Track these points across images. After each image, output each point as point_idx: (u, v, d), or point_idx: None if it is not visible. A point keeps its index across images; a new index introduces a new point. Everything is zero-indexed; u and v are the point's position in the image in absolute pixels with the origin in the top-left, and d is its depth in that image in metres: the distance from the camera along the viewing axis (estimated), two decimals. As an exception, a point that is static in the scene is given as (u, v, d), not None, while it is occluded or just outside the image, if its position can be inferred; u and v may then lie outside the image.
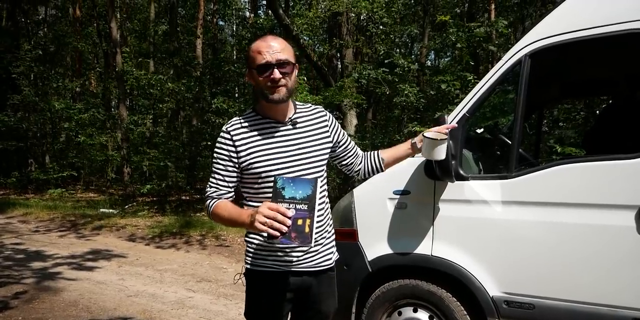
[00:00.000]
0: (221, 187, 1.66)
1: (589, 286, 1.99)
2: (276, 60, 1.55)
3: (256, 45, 1.59)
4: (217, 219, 1.63)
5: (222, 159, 1.64)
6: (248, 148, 1.61)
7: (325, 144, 1.73)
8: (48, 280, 5.10)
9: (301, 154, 1.65)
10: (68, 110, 14.23)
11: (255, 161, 1.60)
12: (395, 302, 2.47)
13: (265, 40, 1.59)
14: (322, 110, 1.80)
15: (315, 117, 1.74)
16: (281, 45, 1.58)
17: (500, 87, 2.47)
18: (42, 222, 9.86)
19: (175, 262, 6.23)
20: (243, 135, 1.63)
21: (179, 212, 10.47)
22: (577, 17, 2.10)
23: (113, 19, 13.82)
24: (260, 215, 1.37)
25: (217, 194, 1.66)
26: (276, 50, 1.56)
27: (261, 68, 1.56)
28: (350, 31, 10.49)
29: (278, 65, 1.55)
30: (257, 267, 1.67)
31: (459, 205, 2.30)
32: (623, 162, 1.95)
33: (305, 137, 1.68)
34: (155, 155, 12.17)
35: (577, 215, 2.02)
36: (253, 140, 1.62)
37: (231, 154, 1.62)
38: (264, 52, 1.55)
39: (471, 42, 7.86)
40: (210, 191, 1.67)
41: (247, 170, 1.62)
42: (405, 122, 10.71)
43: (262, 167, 1.60)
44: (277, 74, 1.55)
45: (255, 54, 1.57)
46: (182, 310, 4.16)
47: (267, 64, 1.55)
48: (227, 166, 1.64)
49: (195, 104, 11.83)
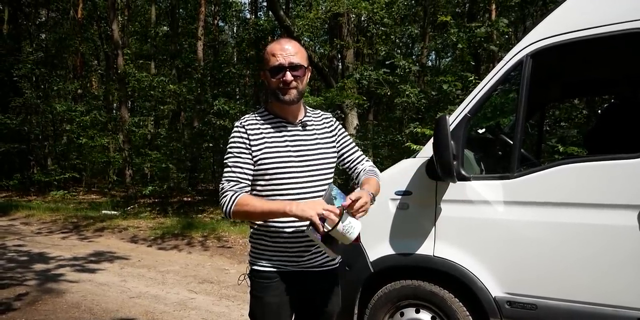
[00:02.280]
0: (242, 180, 1.63)
1: (592, 286, 1.99)
2: (289, 63, 1.60)
3: (271, 48, 1.64)
4: (242, 211, 1.56)
5: (240, 152, 1.64)
6: (260, 143, 1.64)
7: (331, 148, 1.76)
8: (50, 282, 5.11)
9: (310, 155, 1.68)
10: (70, 113, 14.26)
11: (265, 157, 1.62)
12: (398, 302, 2.46)
13: (280, 43, 1.64)
14: (329, 116, 1.84)
15: (322, 122, 1.79)
16: (295, 49, 1.63)
17: (502, 87, 2.47)
18: (44, 224, 9.87)
19: (178, 263, 6.24)
20: (256, 130, 1.65)
21: (181, 214, 10.48)
22: (578, 16, 2.10)
23: (114, 21, 13.86)
24: (320, 208, 1.44)
25: (239, 186, 1.61)
26: (290, 53, 1.61)
27: (274, 70, 1.61)
28: (350, 32, 10.49)
29: (290, 68, 1.61)
30: (263, 267, 1.68)
31: (460, 205, 2.30)
32: (625, 161, 1.95)
33: (314, 139, 1.72)
34: (157, 157, 12.18)
35: (579, 215, 2.02)
36: (265, 137, 1.65)
37: (248, 146, 1.64)
38: (278, 55, 1.60)
39: (472, 42, 7.86)
40: (230, 185, 1.61)
41: (257, 166, 1.64)
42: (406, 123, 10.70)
43: (271, 164, 1.62)
44: (288, 76, 1.61)
45: (270, 56, 1.62)
46: (185, 311, 4.16)
47: (280, 66, 1.60)
48: (246, 158, 1.63)
49: (197, 105, 11.84)
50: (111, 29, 13.65)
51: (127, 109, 15.06)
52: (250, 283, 1.73)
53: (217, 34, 21.13)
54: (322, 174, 1.70)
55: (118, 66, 13.95)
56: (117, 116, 15.47)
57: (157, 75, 14.49)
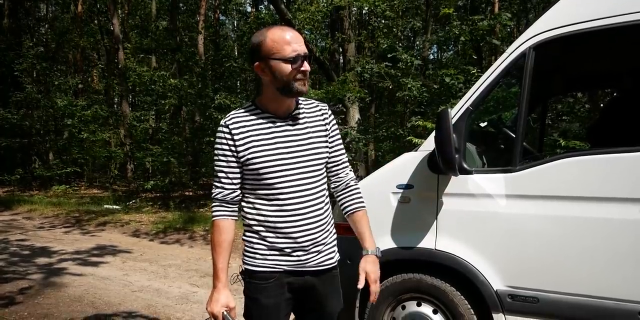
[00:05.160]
0: (226, 186, 1.60)
1: (594, 279, 1.98)
2: (304, 52, 1.51)
3: (280, 36, 1.50)
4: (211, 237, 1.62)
5: (223, 155, 1.58)
6: (246, 142, 1.56)
7: (324, 141, 1.67)
8: (53, 276, 5.13)
9: (300, 151, 1.59)
10: (71, 107, 14.25)
11: (253, 156, 1.55)
12: (399, 296, 2.46)
13: (286, 31, 1.52)
14: (325, 107, 1.73)
15: (316, 113, 1.69)
16: (300, 38, 1.54)
17: (504, 80, 2.45)
18: (46, 219, 9.90)
19: (179, 257, 6.25)
20: (242, 129, 1.57)
21: (183, 208, 10.50)
22: (581, 8, 2.07)
23: (115, 15, 13.79)
24: (217, 305, 1.54)
25: (223, 195, 1.60)
26: (301, 42, 1.52)
27: (294, 59, 1.50)
28: (352, 25, 10.44)
29: (305, 58, 1.52)
30: (257, 267, 1.61)
31: (462, 199, 2.29)
32: (627, 155, 1.94)
33: (304, 133, 1.62)
34: (158, 152, 12.18)
35: (581, 208, 2.01)
36: (252, 135, 1.57)
37: (232, 148, 1.57)
38: (293, 44, 1.49)
39: (474, 36, 7.81)
40: (215, 193, 1.61)
41: (246, 166, 1.57)
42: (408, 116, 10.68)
43: (260, 163, 1.55)
44: (307, 66, 1.52)
45: (282, 44, 1.49)
46: (187, 305, 4.17)
47: (299, 55, 1.50)
48: (230, 162, 1.58)
49: (198, 99, 11.81)
50: (112, 23, 13.59)
51: (128, 103, 15.04)
52: (244, 284, 1.65)
53: (218, 28, 21.04)
54: (316, 170, 1.62)
55: (119, 61, 13.92)
56: (119, 111, 15.46)
57: (158, 69, 14.45)
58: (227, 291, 1.59)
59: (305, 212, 1.59)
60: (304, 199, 1.59)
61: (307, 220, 1.60)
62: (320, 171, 1.65)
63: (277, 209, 1.58)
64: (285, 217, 1.58)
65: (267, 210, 1.59)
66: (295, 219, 1.58)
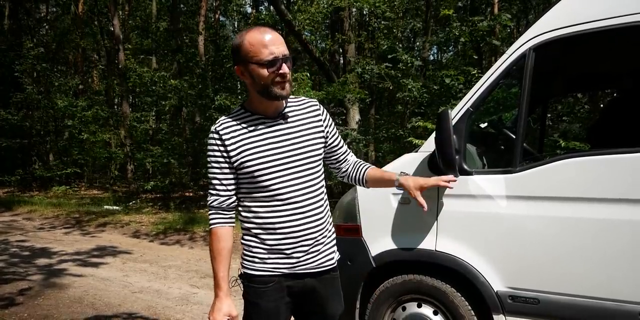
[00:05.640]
0: (221, 193, 1.59)
1: (595, 281, 1.98)
2: (282, 54, 1.48)
3: (256, 38, 1.47)
4: (210, 244, 1.62)
5: (216, 162, 1.57)
6: (238, 146, 1.55)
7: (319, 138, 1.65)
8: (53, 277, 5.13)
9: (294, 149, 1.57)
10: (71, 108, 14.26)
11: (246, 160, 1.54)
12: (400, 297, 2.46)
13: (263, 32, 1.48)
14: (316, 103, 1.70)
15: (307, 110, 1.66)
16: (280, 39, 1.51)
17: (504, 81, 2.45)
18: (46, 220, 9.91)
19: (180, 258, 6.25)
20: (232, 133, 1.55)
21: (183, 209, 10.50)
22: (581, 9, 2.07)
23: (115, 15, 13.81)
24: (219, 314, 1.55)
25: (218, 202, 1.59)
26: (279, 44, 1.48)
27: (268, 63, 1.47)
28: (352, 26, 10.44)
29: (284, 60, 1.49)
30: (256, 271, 1.59)
31: (463, 200, 2.28)
32: (628, 155, 1.93)
33: (297, 131, 1.60)
34: (159, 152, 12.18)
35: (581, 209, 2.00)
36: (243, 138, 1.55)
37: (224, 154, 1.56)
38: (270, 46, 1.46)
39: (474, 36, 7.81)
40: (211, 200, 1.61)
41: (240, 170, 1.56)
42: (408, 117, 10.68)
43: (254, 166, 1.54)
44: (285, 68, 1.49)
45: (258, 47, 1.46)
46: (187, 306, 4.17)
47: (276, 58, 1.47)
48: (223, 168, 1.57)
49: (198, 100, 11.82)
50: (112, 24, 13.61)
51: (129, 104, 15.06)
52: (243, 287, 1.64)
53: (218, 29, 21.06)
54: (312, 167, 1.60)
55: (119, 61, 13.93)
56: (119, 111, 15.47)
57: (159, 70, 14.47)
58: (229, 300, 1.58)
59: (304, 210, 1.58)
60: (302, 197, 1.58)
61: (306, 219, 1.59)
62: (317, 168, 1.63)
63: (275, 210, 1.57)
64: (284, 217, 1.57)
65: (264, 212, 1.58)
66: (294, 218, 1.57)
